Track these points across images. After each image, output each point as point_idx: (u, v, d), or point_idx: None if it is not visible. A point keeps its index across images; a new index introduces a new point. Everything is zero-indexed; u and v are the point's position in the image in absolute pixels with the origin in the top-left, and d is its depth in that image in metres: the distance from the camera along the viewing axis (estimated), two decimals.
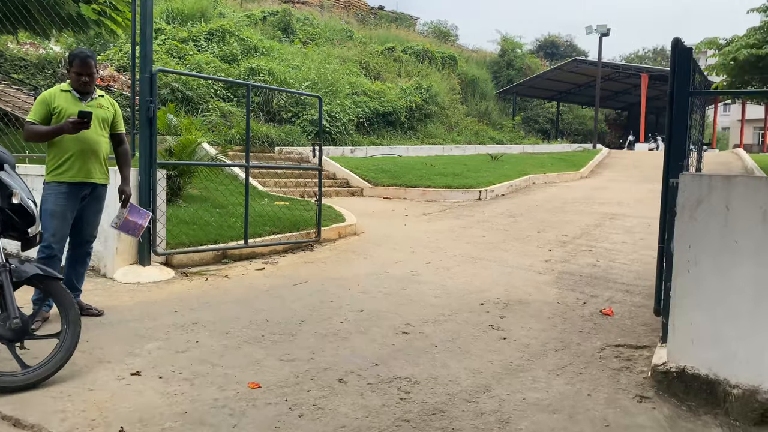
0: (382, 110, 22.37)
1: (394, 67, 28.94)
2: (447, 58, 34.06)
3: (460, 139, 25.25)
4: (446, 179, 13.34)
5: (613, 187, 14.35)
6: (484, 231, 8.83)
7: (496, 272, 6.45)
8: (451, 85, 30.12)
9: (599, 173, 19.60)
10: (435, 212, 10.72)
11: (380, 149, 18.92)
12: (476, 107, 33.23)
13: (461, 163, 16.25)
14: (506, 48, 41.89)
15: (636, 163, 22.44)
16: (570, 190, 13.70)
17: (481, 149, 21.40)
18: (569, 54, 55.44)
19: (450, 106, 27.75)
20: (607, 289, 5.83)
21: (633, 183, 16.45)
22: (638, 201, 11.65)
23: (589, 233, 8.54)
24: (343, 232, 8.47)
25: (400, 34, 37.99)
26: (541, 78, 36.93)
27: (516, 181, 13.94)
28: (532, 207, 11.11)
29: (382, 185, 13.16)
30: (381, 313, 5.01)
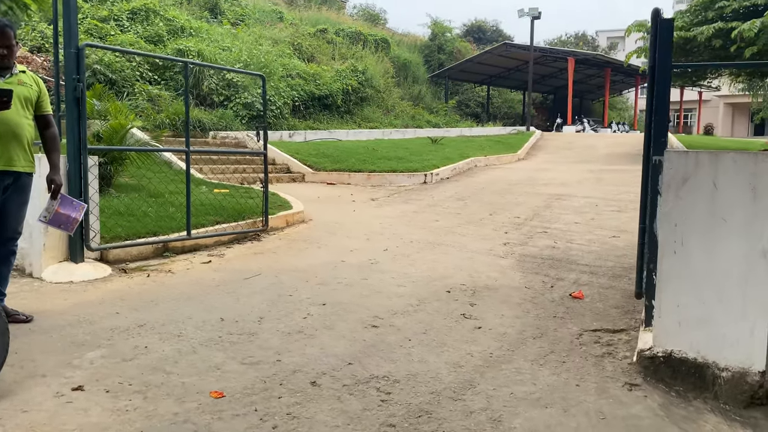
0: (318, 93, 21.83)
1: (328, 49, 28.35)
2: (380, 41, 33.70)
3: (397, 122, 25.04)
4: (390, 163, 13.07)
5: (553, 169, 14.51)
6: (437, 215, 8.62)
7: (457, 257, 6.24)
8: (385, 68, 29.82)
9: (535, 155, 19.86)
10: (383, 197, 10.43)
11: (319, 133, 18.44)
12: (409, 91, 33.07)
13: (403, 147, 16.02)
14: (436, 32, 41.93)
15: (568, 144, 22.92)
16: (512, 172, 13.73)
17: (420, 133, 21.26)
18: (496, 39, 56.32)
19: (385, 90, 27.46)
20: (571, 271, 5.72)
21: (569, 164, 16.72)
22: (580, 182, 11.77)
23: (540, 214, 8.48)
24: (290, 220, 8.05)
25: (331, 16, 37.31)
26: (471, 62, 37.18)
27: (459, 164, 13.84)
28: (479, 190, 11.00)
29: (325, 170, 12.74)
30: (345, 306, 4.68)
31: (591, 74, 42.57)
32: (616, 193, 10.19)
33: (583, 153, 20.01)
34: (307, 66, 23.38)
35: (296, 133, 17.89)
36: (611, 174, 12.89)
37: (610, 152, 20.04)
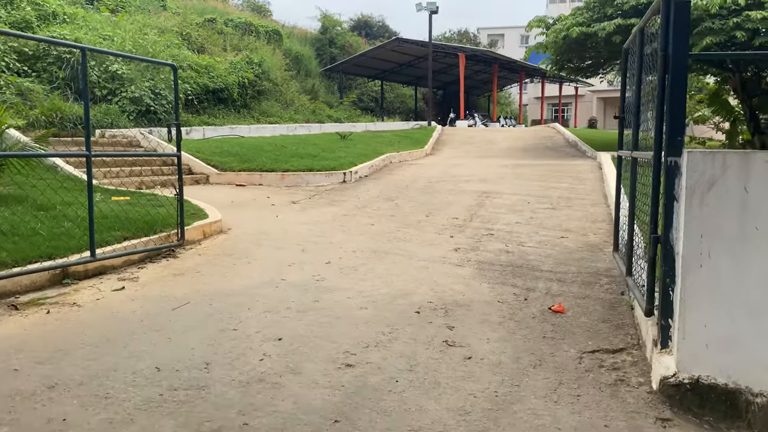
0: (213, 86, 20.42)
1: (219, 39, 26.75)
2: (271, 33, 32.45)
3: (298, 117, 24.07)
4: (304, 161, 12.25)
5: (467, 164, 14.33)
6: (370, 218, 7.99)
7: (411, 268, 5.64)
8: (279, 61, 28.69)
9: (441, 150, 19.75)
10: (304, 199, 9.63)
11: (220, 130, 17.15)
12: (303, 85, 32.13)
13: (312, 143, 15.21)
14: (327, 25, 41.23)
15: (469, 139, 23.09)
16: (429, 168, 13.37)
17: (325, 128, 20.47)
18: (382, 34, 56.64)
19: (283, 83, 26.38)
20: (537, 279, 5.31)
21: (479, 159, 16.69)
22: (501, 177, 11.60)
23: (478, 214, 8.09)
24: (208, 231, 7.09)
25: (217, 6, 35.50)
26: (365, 56, 36.85)
27: (375, 161, 13.27)
28: (404, 188, 10.50)
29: (233, 170, 11.69)
30: (306, 340, 3.94)
31: (478, 70, 43.70)
32: (541, 189, 10.06)
33: (485, 147, 20.18)
34: (199, 57, 21.83)
35: (193, 130, 16.52)
36: (526, 169, 12.87)
37: (510, 146, 20.36)
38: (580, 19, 15.37)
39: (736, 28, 12.28)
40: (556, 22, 17.43)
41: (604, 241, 6.60)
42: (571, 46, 16.80)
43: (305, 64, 34.81)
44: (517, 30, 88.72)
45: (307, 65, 35.04)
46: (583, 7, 16.53)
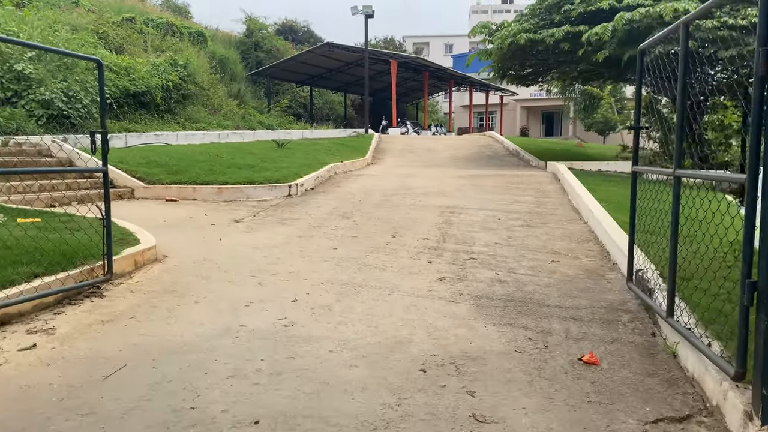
0: (134, 89, 18.74)
1: (139, 39, 24.93)
2: (195, 34, 30.80)
3: (228, 123, 22.62)
4: (243, 172, 11.08)
5: (418, 174, 13.57)
6: (330, 240, 7.01)
7: (397, 306, 4.74)
8: (205, 64, 27.10)
9: (382, 159, 18.96)
10: (248, 217, 8.51)
11: (143, 137, 15.59)
12: (229, 89, 30.62)
13: (249, 152, 14.01)
14: (253, 28, 39.84)
15: (408, 147, 22.43)
16: (379, 180, 12.50)
17: (259, 135, 19.19)
18: (307, 39, 55.85)
19: (210, 87, 24.82)
20: (548, 317, 4.53)
21: (424, 168, 16.01)
22: (458, 190, 10.89)
23: (449, 234, 7.29)
24: (141, 260, 5.92)
25: (136, 5, 33.40)
26: (294, 61, 35.76)
27: (321, 171, 12.25)
28: (358, 203, 9.57)
29: (161, 183, 10.38)
30: (291, 421, 2.98)
31: (408, 77, 43.56)
32: (506, 204, 9.41)
33: (428, 156, 19.56)
34: (118, 58, 20.06)
35: (114, 137, 14.90)
36: (482, 180, 12.24)
37: (453, 155, 19.84)
38: (527, 26, 15.01)
39: None
40: (500, 28, 17.05)
41: (601, 265, 5.94)
42: (516, 53, 16.46)
43: (231, 67, 33.29)
44: (441, 39, 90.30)
45: (232, 69, 33.52)
46: (527, 13, 16.21)
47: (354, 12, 25.13)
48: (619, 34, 12.62)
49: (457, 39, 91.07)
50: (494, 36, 16.77)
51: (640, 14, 12.25)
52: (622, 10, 13.51)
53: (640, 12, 12.26)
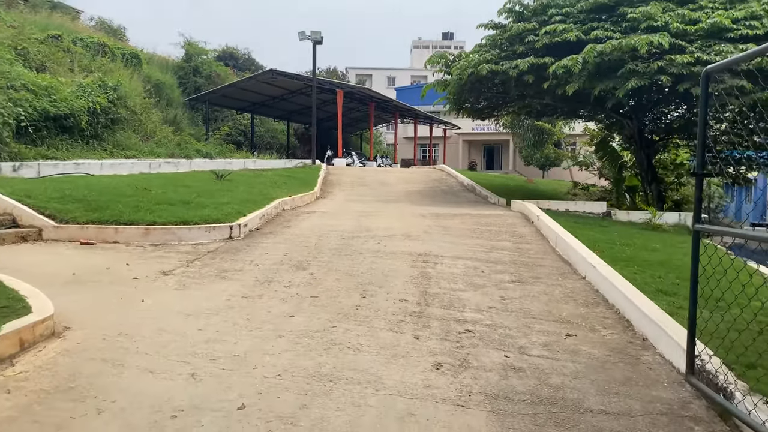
0: (55, 112, 16.80)
1: (65, 58, 22.89)
2: (129, 56, 28.88)
3: (161, 151, 20.81)
4: (176, 210, 9.50)
5: (376, 212, 12.28)
6: (284, 302, 5.60)
7: (391, 417, 3.40)
8: (138, 87, 25.24)
9: (332, 192, 17.64)
10: (180, 267, 6.98)
11: (62, 166, 13.69)
12: (164, 115, 28.77)
13: (183, 185, 12.38)
14: (192, 53, 38.19)
15: (359, 180, 21.21)
16: (333, 218, 11.14)
17: (198, 165, 17.48)
18: (248, 66, 54.70)
19: (143, 112, 22.96)
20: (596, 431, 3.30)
21: (378, 203, 14.79)
22: (425, 232, 9.67)
23: (430, 293, 6.02)
24: (29, 337, 4.36)
25: (65, 24, 31.21)
26: (235, 87, 34.35)
27: (267, 208, 10.77)
28: (313, 248, 8.18)
29: (77, 222, 8.68)
30: None
31: (353, 107, 42.87)
32: (485, 251, 8.24)
33: (381, 191, 18.37)
34: (38, 76, 18.07)
35: (25, 166, 13.04)
36: (448, 221, 11.07)
37: (407, 190, 18.74)
38: (487, 56, 14.17)
39: (659, 72, 11.53)
40: (457, 59, 16.20)
41: (628, 341, 4.79)
42: (474, 85, 15.61)
43: (167, 92, 31.50)
44: (384, 71, 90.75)
45: (169, 94, 31.73)
46: (486, 44, 15.42)
47: (302, 37, 23.94)
48: (590, 67, 11.88)
49: (400, 72, 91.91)
50: (452, 67, 15.89)
51: (612, 46, 11.55)
52: (589, 42, 12.84)
53: (612, 44, 11.56)
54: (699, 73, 11.36)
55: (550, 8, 14.17)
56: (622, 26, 12.93)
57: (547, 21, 13.99)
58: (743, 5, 12.57)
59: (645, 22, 12.33)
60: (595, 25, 13.13)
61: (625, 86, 11.59)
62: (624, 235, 9.89)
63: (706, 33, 12.05)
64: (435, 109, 58.17)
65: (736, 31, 11.84)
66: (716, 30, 11.95)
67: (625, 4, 13.44)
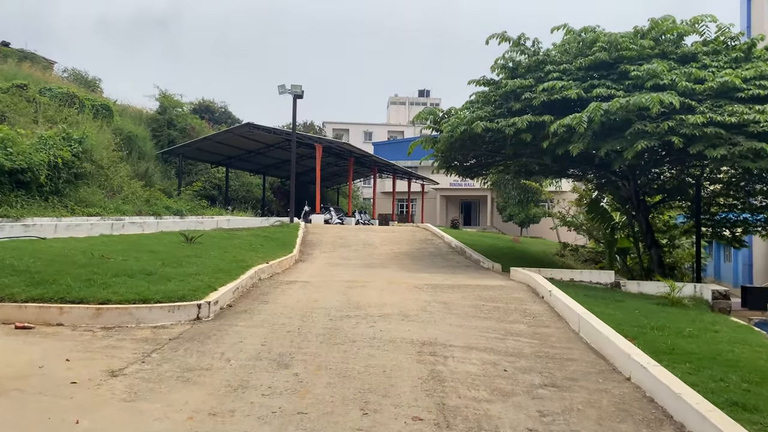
0: (10, 166, 15.46)
1: (28, 109, 21.68)
2: (100, 107, 27.81)
3: (128, 208, 19.42)
4: (135, 283, 8.16)
5: (364, 281, 11.03)
6: (263, 425, 4.29)
7: None
8: (108, 140, 24.03)
9: (312, 254, 16.38)
10: (134, 363, 5.62)
11: (8, 229, 12.23)
12: (135, 168, 27.52)
13: (148, 250, 11.04)
14: (166, 105, 37.38)
15: (340, 240, 20.00)
16: (317, 290, 9.85)
17: (166, 224, 16.08)
18: (225, 120, 54.23)
19: (111, 166, 21.67)
20: None
21: (366, 269, 13.58)
22: (423, 310, 8.45)
23: (447, 405, 4.77)
24: None
25: (34, 74, 30.16)
26: (210, 140, 33.39)
27: (242, 279, 9.46)
28: (296, 334, 6.88)
29: (14, 300, 7.28)
30: None
31: (330, 162, 42.21)
32: (498, 337, 7.05)
33: (365, 253, 17.17)
34: None
35: None
36: (445, 293, 9.88)
37: (393, 252, 17.57)
38: (481, 113, 13.34)
39: (670, 132, 10.75)
40: (446, 115, 15.39)
41: None
42: (466, 142, 14.77)
43: (139, 145, 30.41)
44: (361, 126, 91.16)
45: (141, 146, 30.64)
46: (478, 100, 14.65)
47: (281, 91, 23.11)
48: (595, 126, 11.07)
49: (376, 127, 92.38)
50: (442, 123, 15.04)
51: (619, 105, 10.76)
52: (591, 100, 12.10)
53: (619, 102, 10.78)
54: (713, 134, 10.65)
55: (546, 65, 13.50)
56: (625, 84, 12.25)
57: (544, 78, 13.28)
58: (750, 64, 12.03)
59: (650, 80, 11.65)
60: (596, 82, 12.43)
61: (635, 147, 10.75)
62: (646, 313, 8.81)
63: (715, 92, 11.38)
64: (413, 164, 58.02)
65: (747, 90, 11.20)
66: (726, 89, 11.30)
67: (625, 62, 12.83)
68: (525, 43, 14.06)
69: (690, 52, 12.96)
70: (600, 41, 13.09)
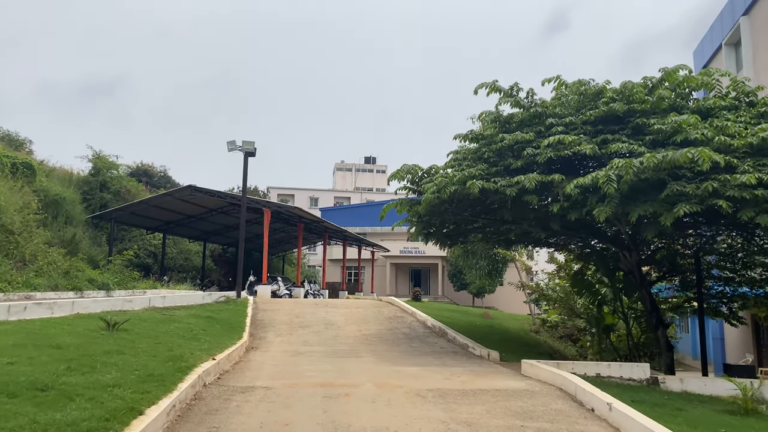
0: None
1: None
2: (20, 166, 24.63)
3: (40, 282, 16.16)
4: (17, 407, 5.35)
5: (345, 386, 8.36)
6: None
7: None
8: (26, 202, 20.84)
9: (265, 338, 13.60)
10: None
11: None
12: (60, 234, 24.22)
13: (52, 344, 8.13)
14: (100, 166, 34.37)
15: (297, 319, 17.20)
16: (288, 409, 7.12)
17: (85, 305, 12.88)
18: (164, 184, 51.49)
19: (24, 231, 18.41)
20: None
21: (335, 359, 10.95)
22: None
23: None
24: None
25: None
26: (147, 204, 30.39)
27: (180, 392, 6.69)
28: None
29: None
30: None
31: (277, 228, 39.51)
32: None
33: (329, 335, 14.50)
34: None
35: None
36: (462, 408, 7.33)
37: (362, 334, 14.97)
38: (474, 171, 11.30)
39: (713, 195, 8.90)
40: (427, 174, 13.32)
41: None
42: (451, 206, 12.67)
43: (67, 209, 27.18)
44: (306, 192, 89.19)
45: (69, 210, 27.41)
46: (465, 157, 12.64)
47: (231, 148, 20.68)
48: (624, 187, 9.13)
49: (323, 193, 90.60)
50: (422, 183, 12.92)
51: (657, 160, 8.85)
52: (607, 157, 10.26)
53: (656, 158, 8.87)
54: (763, 197, 8.91)
55: (547, 117, 11.70)
56: (645, 140, 10.51)
57: (545, 132, 11.45)
58: None
59: (677, 135, 9.93)
60: (609, 137, 10.64)
61: (675, 212, 8.81)
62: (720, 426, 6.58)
63: (755, 149, 9.72)
64: (361, 230, 55.87)
65: None
66: (766, 146, 9.66)
67: (638, 115, 11.16)
68: (518, 93, 12.32)
69: (706, 106, 11.46)
70: (607, 92, 11.46)
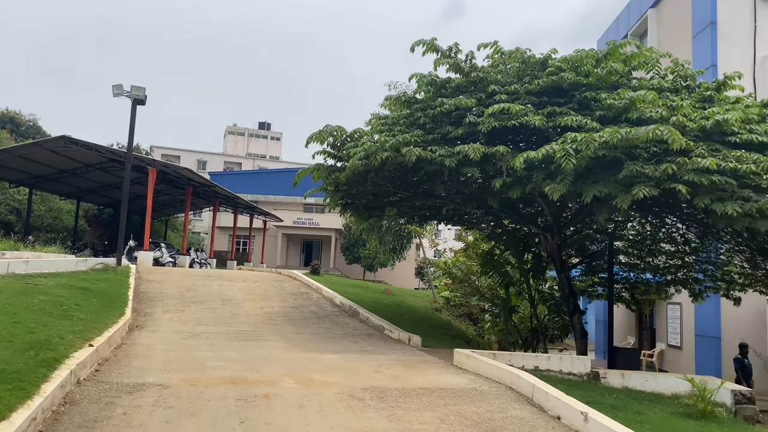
0: None
1: None
2: None
3: None
4: None
5: (261, 383, 6.88)
6: None
7: None
8: None
9: (153, 315, 11.69)
10: None
11: None
12: None
13: None
14: None
15: (188, 292, 15.22)
16: (191, 418, 5.54)
17: None
18: (33, 135, 46.78)
19: None
20: None
21: (244, 344, 9.39)
22: None
23: None
24: None
25: None
26: (10, 154, 26.63)
27: (45, 395, 4.92)
28: None
29: None
30: None
31: (161, 190, 36.23)
32: None
33: (227, 312, 12.78)
34: None
35: None
36: (409, 416, 6.09)
37: (265, 312, 13.37)
38: (409, 137, 10.03)
39: (672, 178, 8.23)
40: (350, 139, 11.87)
41: None
42: (374, 176, 11.36)
43: None
44: (194, 154, 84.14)
45: None
46: (397, 121, 11.33)
47: (117, 92, 17.85)
48: (582, 163, 8.25)
49: (212, 156, 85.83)
50: (345, 148, 11.47)
51: (620, 136, 7.99)
52: (556, 131, 9.38)
53: (619, 133, 8.02)
54: (720, 183, 8.39)
55: (489, 84, 10.62)
56: (595, 114, 9.71)
57: (486, 100, 10.39)
58: (730, 105, 10.15)
59: (634, 112, 9.21)
60: (557, 110, 9.75)
61: (634, 194, 8.04)
62: None
63: (706, 133, 9.20)
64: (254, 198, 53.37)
65: (740, 135, 9.19)
66: (718, 131, 9.16)
67: (584, 89, 10.37)
68: (457, 55, 11.15)
69: (650, 86, 10.90)
70: (554, 62, 10.57)
